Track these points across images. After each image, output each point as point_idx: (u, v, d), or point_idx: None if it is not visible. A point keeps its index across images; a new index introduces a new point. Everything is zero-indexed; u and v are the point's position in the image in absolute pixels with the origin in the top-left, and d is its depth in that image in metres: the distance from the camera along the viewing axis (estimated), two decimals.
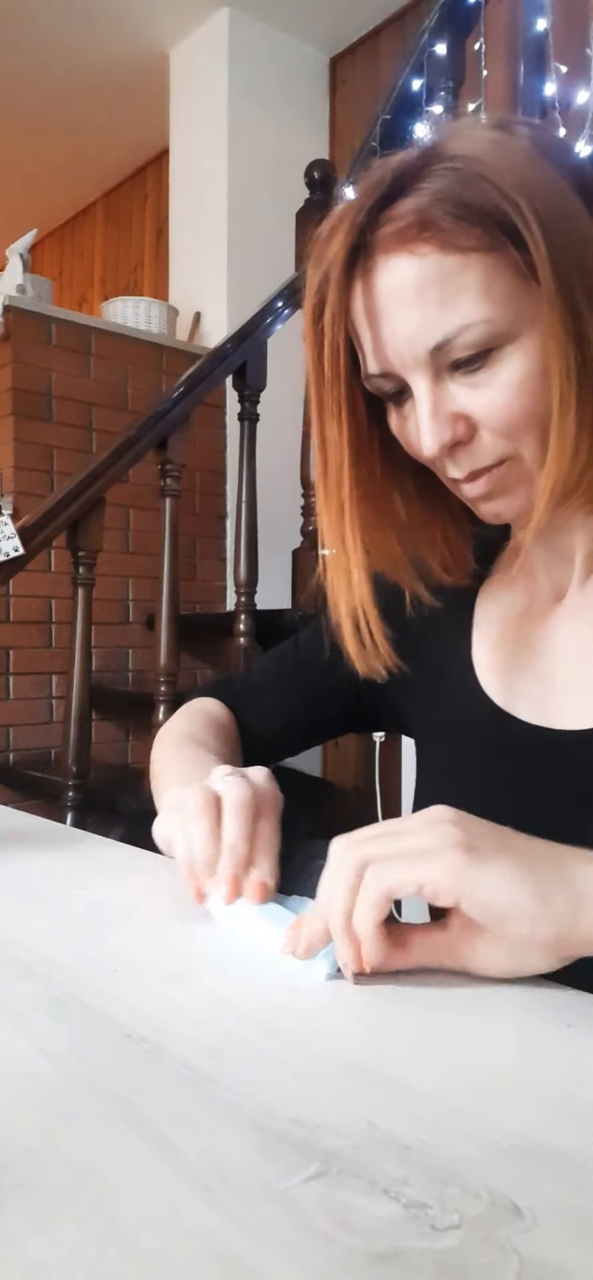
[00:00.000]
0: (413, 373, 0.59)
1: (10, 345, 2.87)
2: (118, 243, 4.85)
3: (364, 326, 0.60)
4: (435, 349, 0.57)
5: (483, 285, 0.56)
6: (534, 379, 0.57)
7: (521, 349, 0.57)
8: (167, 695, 2.17)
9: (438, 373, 0.59)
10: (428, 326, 0.57)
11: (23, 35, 3.67)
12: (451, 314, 0.56)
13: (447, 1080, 0.37)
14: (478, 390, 0.58)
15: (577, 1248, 0.27)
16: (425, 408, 0.59)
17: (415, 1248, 0.27)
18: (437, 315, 0.57)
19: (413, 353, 0.58)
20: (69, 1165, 0.31)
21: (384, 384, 0.61)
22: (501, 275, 0.56)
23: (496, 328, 0.56)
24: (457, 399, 0.59)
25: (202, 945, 0.54)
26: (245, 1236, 0.27)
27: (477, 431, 0.59)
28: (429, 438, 0.59)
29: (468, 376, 0.58)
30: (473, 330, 0.56)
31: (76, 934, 0.55)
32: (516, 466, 0.60)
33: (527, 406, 0.58)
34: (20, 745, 2.82)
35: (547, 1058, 0.39)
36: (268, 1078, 0.37)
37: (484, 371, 0.58)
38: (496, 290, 0.56)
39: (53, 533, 2.05)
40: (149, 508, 2.87)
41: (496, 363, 0.57)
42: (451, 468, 0.61)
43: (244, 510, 2.41)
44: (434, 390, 0.59)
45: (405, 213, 0.57)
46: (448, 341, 0.57)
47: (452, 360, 0.58)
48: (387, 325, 0.59)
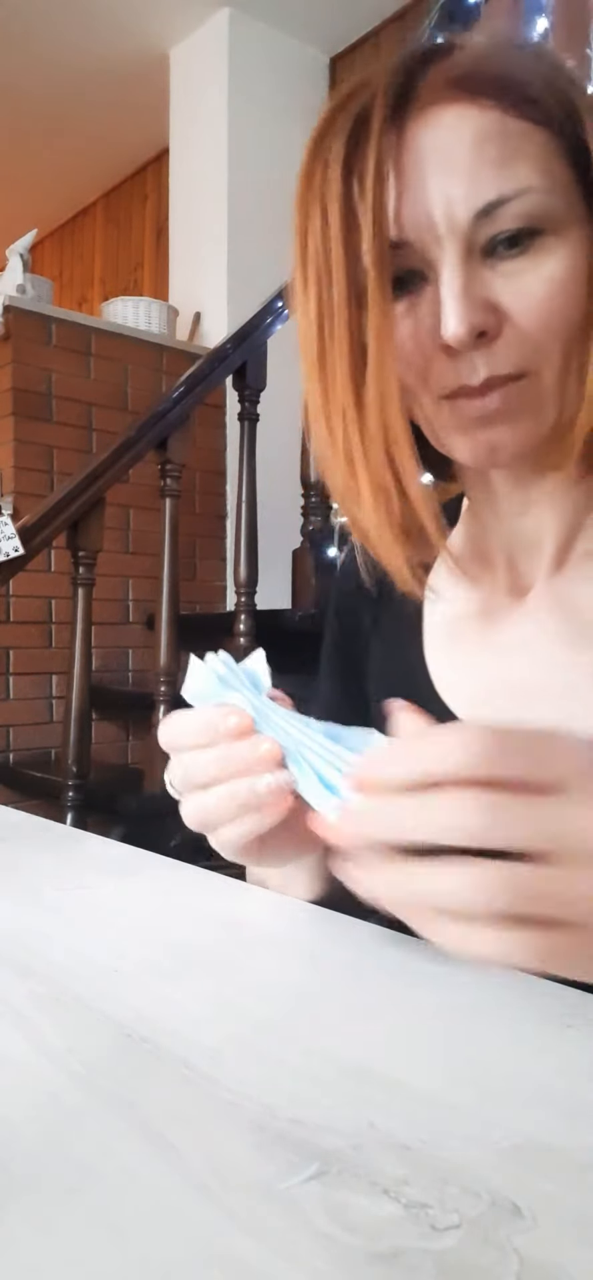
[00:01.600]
0: (444, 244, 0.52)
1: (10, 345, 2.87)
2: (118, 243, 4.85)
3: (390, 185, 0.52)
4: (482, 213, 0.51)
5: (544, 157, 0.51)
6: (578, 282, 0.52)
7: (567, 244, 0.52)
8: (167, 695, 2.17)
9: (470, 252, 0.52)
10: (480, 185, 0.51)
11: (23, 35, 3.67)
12: (509, 175, 0.51)
13: (447, 1080, 0.37)
14: (516, 280, 0.52)
15: (577, 1248, 0.27)
16: (457, 282, 0.51)
17: (415, 1248, 0.27)
18: (493, 174, 0.51)
19: (451, 217, 0.51)
20: (69, 1165, 0.31)
21: (400, 259, 0.53)
22: (559, 158, 0.52)
23: (553, 205, 0.51)
24: (489, 286, 0.52)
25: (202, 945, 0.54)
26: (245, 1236, 0.27)
27: (503, 330, 0.53)
28: (456, 318, 0.51)
29: (506, 263, 0.52)
30: (531, 199, 0.51)
31: (76, 934, 0.55)
32: (533, 387, 0.54)
33: (564, 309, 0.52)
34: (20, 745, 2.83)
35: (547, 1058, 0.39)
36: (268, 1078, 0.37)
37: (525, 259, 0.52)
38: (555, 170, 0.52)
39: (53, 533, 2.05)
40: (149, 508, 2.87)
41: (541, 251, 0.52)
42: (465, 370, 0.53)
43: (244, 510, 2.41)
44: (467, 266, 0.52)
45: (470, 58, 0.52)
46: (501, 204, 0.51)
47: (492, 235, 0.52)
48: (425, 183, 0.52)
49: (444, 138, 0.52)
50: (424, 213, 0.52)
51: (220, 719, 0.47)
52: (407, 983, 0.48)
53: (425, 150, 0.52)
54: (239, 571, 2.39)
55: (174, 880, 0.68)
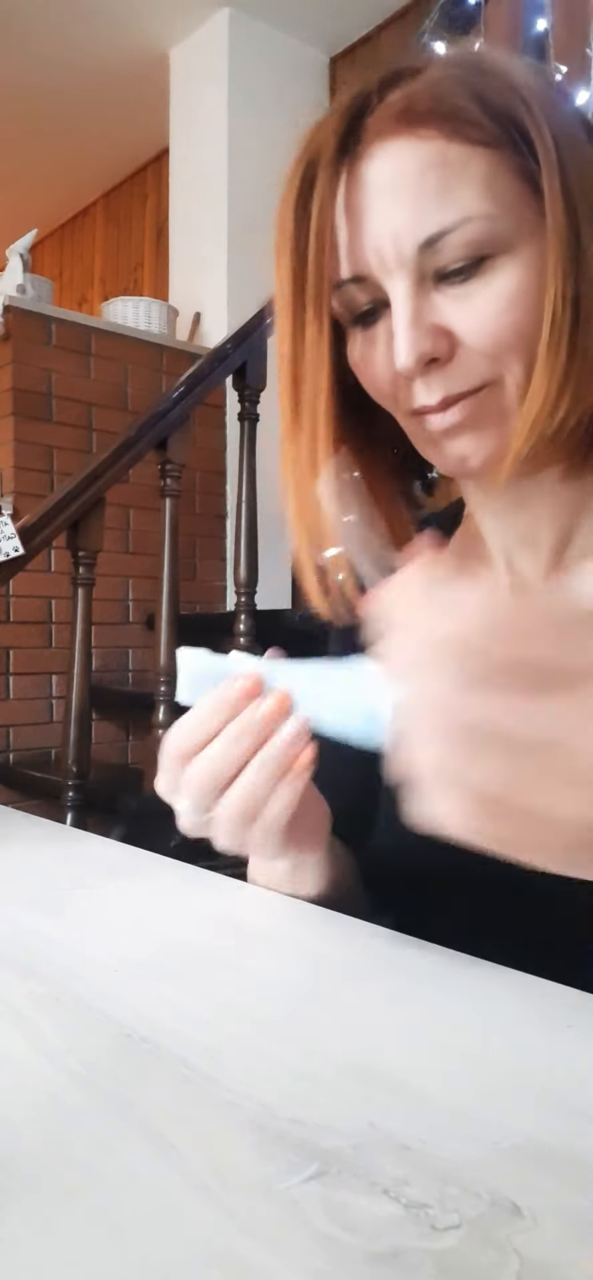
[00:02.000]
0: (394, 276, 0.53)
1: (10, 345, 2.87)
2: (118, 243, 4.85)
3: (343, 222, 0.54)
4: (427, 244, 0.52)
5: (487, 182, 0.51)
6: (529, 295, 0.52)
7: (517, 260, 0.52)
8: (167, 695, 2.17)
9: (422, 280, 0.53)
10: (422, 217, 0.52)
11: (23, 36, 3.67)
12: (450, 206, 0.51)
13: (447, 1080, 0.37)
14: (466, 302, 0.53)
15: (577, 1248, 0.27)
16: (405, 313, 0.53)
17: (415, 1248, 0.27)
18: (434, 206, 0.51)
19: (399, 250, 0.53)
20: (69, 1165, 0.31)
21: (356, 295, 0.55)
22: (505, 176, 0.52)
23: (496, 228, 0.52)
24: (440, 311, 0.54)
25: (202, 945, 0.54)
26: (245, 1236, 0.27)
27: (457, 352, 0.54)
28: (405, 347, 0.53)
29: (456, 287, 0.53)
30: (472, 226, 0.51)
31: (76, 934, 0.55)
32: (494, 397, 0.55)
33: (518, 323, 0.53)
34: (20, 745, 2.83)
35: (547, 1058, 0.39)
36: (268, 1078, 0.37)
37: (475, 282, 0.53)
38: (499, 190, 0.52)
39: (53, 533, 2.05)
40: (149, 508, 2.87)
41: (489, 272, 0.52)
42: (421, 392, 0.55)
43: (244, 510, 2.41)
44: (416, 296, 0.53)
45: (413, 91, 0.52)
46: (443, 236, 0.52)
47: (440, 265, 0.53)
48: (372, 218, 0.53)
49: (388, 172, 0.53)
50: (374, 247, 0.53)
51: (228, 689, 0.47)
52: (407, 982, 0.48)
53: (372, 187, 0.53)
54: (239, 571, 2.39)
55: (174, 880, 0.68)
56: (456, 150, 0.52)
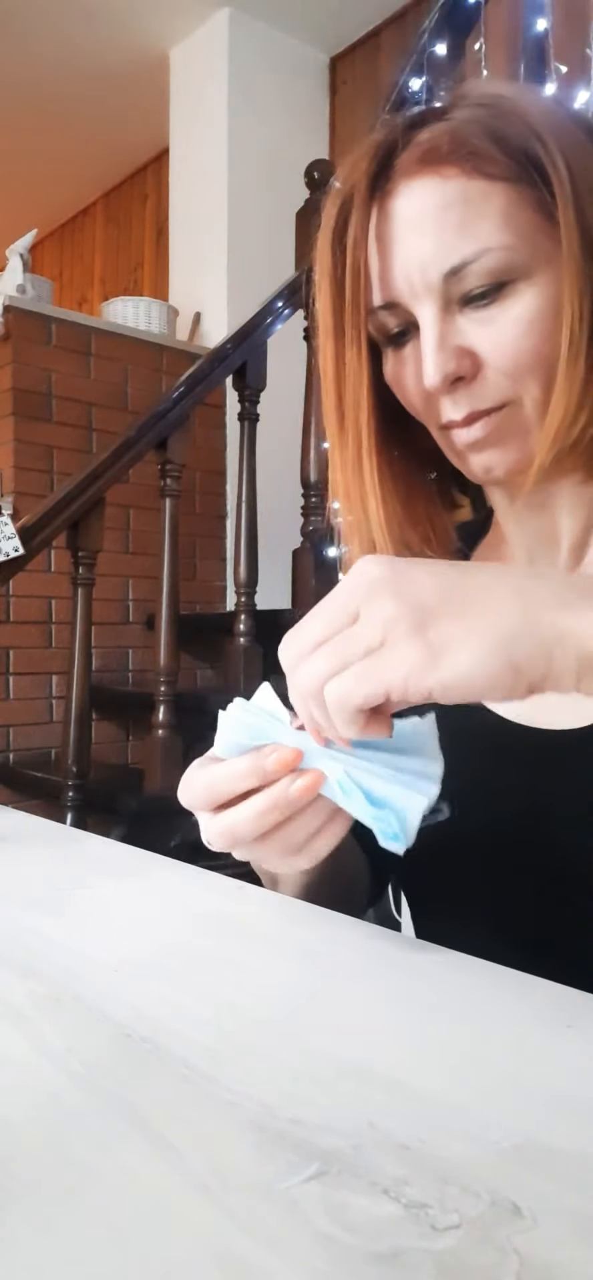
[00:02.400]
0: (422, 302, 0.58)
1: (10, 345, 2.87)
2: (118, 243, 4.85)
3: (375, 254, 0.59)
4: (450, 273, 0.57)
5: (505, 214, 0.56)
6: (546, 319, 0.57)
7: (535, 287, 0.57)
8: (167, 695, 2.17)
9: (448, 305, 0.58)
10: (446, 249, 0.57)
11: (23, 35, 3.67)
12: (470, 238, 0.56)
13: (447, 1080, 0.37)
14: (488, 326, 0.58)
15: (577, 1248, 0.27)
16: (432, 336, 0.58)
17: (415, 1248, 0.27)
18: (456, 238, 0.56)
19: (425, 279, 0.58)
20: (69, 1165, 0.31)
21: (388, 320, 0.60)
22: (523, 208, 0.56)
23: (513, 258, 0.56)
24: (465, 334, 0.58)
25: (202, 945, 0.54)
26: (245, 1236, 0.27)
27: (480, 371, 0.58)
28: (433, 368, 0.58)
29: (479, 311, 0.58)
30: (491, 256, 0.56)
31: (76, 934, 0.55)
32: (515, 414, 0.59)
33: (536, 346, 0.57)
34: (20, 745, 2.83)
35: (547, 1058, 0.39)
36: (268, 1078, 0.37)
37: (496, 306, 0.57)
38: (517, 222, 0.56)
39: (53, 533, 2.05)
40: (149, 508, 2.87)
41: (509, 297, 0.57)
42: (448, 408, 0.60)
43: (244, 510, 2.41)
44: (442, 320, 0.58)
45: (436, 134, 0.57)
46: (465, 266, 0.56)
47: (464, 291, 0.57)
48: (401, 250, 0.58)
49: (415, 208, 0.58)
50: (404, 276, 0.59)
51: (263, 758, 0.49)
52: (407, 982, 0.48)
53: (400, 221, 0.58)
54: (239, 571, 2.39)
55: (174, 880, 0.68)
56: (476, 186, 0.56)
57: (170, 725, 2.17)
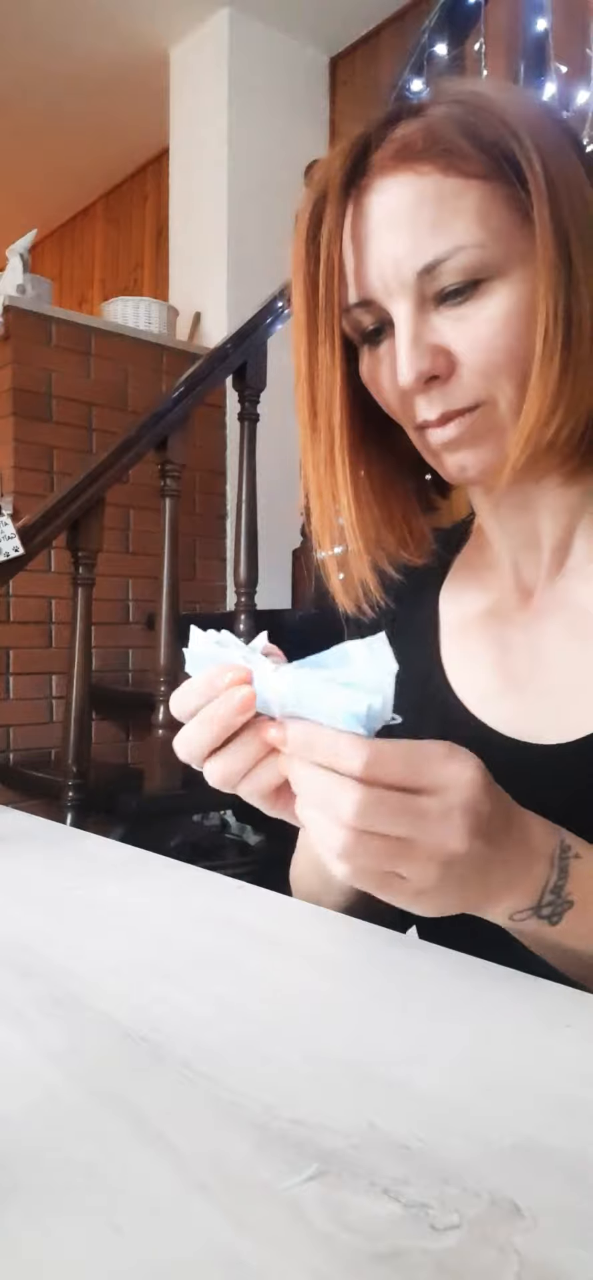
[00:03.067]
0: (396, 299, 0.58)
1: (10, 345, 2.87)
2: (118, 243, 4.85)
3: (350, 251, 0.58)
4: (424, 271, 0.56)
5: (480, 212, 0.55)
6: (520, 317, 0.56)
7: (509, 285, 0.56)
8: (167, 695, 2.17)
9: (422, 303, 0.57)
10: (420, 246, 0.56)
11: (23, 35, 3.67)
12: (444, 235, 0.55)
13: (447, 1080, 0.37)
14: (462, 324, 0.57)
15: (577, 1248, 0.27)
16: (406, 334, 0.57)
17: (415, 1248, 0.27)
18: (430, 236, 0.56)
19: (400, 276, 0.57)
20: (69, 1165, 0.31)
21: (363, 317, 0.60)
22: (498, 206, 0.56)
23: (488, 255, 0.55)
24: (439, 331, 0.58)
25: (202, 945, 0.54)
26: (245, 1236, 0.27)
27: (455, 370, 0.58)
28: (407, 366, 0.57)
29: (453, 309, 0.57)
30: (465, 254, 0.55)
31: (76, 934, 0.55)
32: (489, 414, 0.58)
33: (510, 345, 0.56)
34: (20, 745, 2.83)
35: (547, 1058, 0.39)
36: (268, 1078, 0.37)
37: (470, 304, 0.57)
38: (492, 219, 0.55)
39: (53, 533, 2.05)
40: (149, 508, 2.87)
41: (484, 295, 0.56)
42: (422, 407, 0.59)
43: (244, 510, 2.41)
44: (417, 318, 0.57)
45: (410, 130, 0.57)
46: (438, 264, 0.56)
47: (439, 289, 0.57)
48: (375, 247, 0.57)
49: (390, 205, 0.57)
50: (378, 273, 0.58)
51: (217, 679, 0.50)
52: (407, 983, 0.48)
53: (375, 218, 0.57)
54: (239, 571, 2.39)
55: (174, 880, 0.68)
56: (450, 184, 0.56)
57: (170, 725, 2.17)
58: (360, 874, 0.46)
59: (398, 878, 0.45)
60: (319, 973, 0.50)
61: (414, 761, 0.45)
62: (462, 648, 0.69)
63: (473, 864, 0.46)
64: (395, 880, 0.46)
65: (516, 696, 0.63)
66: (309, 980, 0.49)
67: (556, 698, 0.62)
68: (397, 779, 0.45)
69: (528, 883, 0.48)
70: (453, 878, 0.45)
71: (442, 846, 0.45)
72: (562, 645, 0.62)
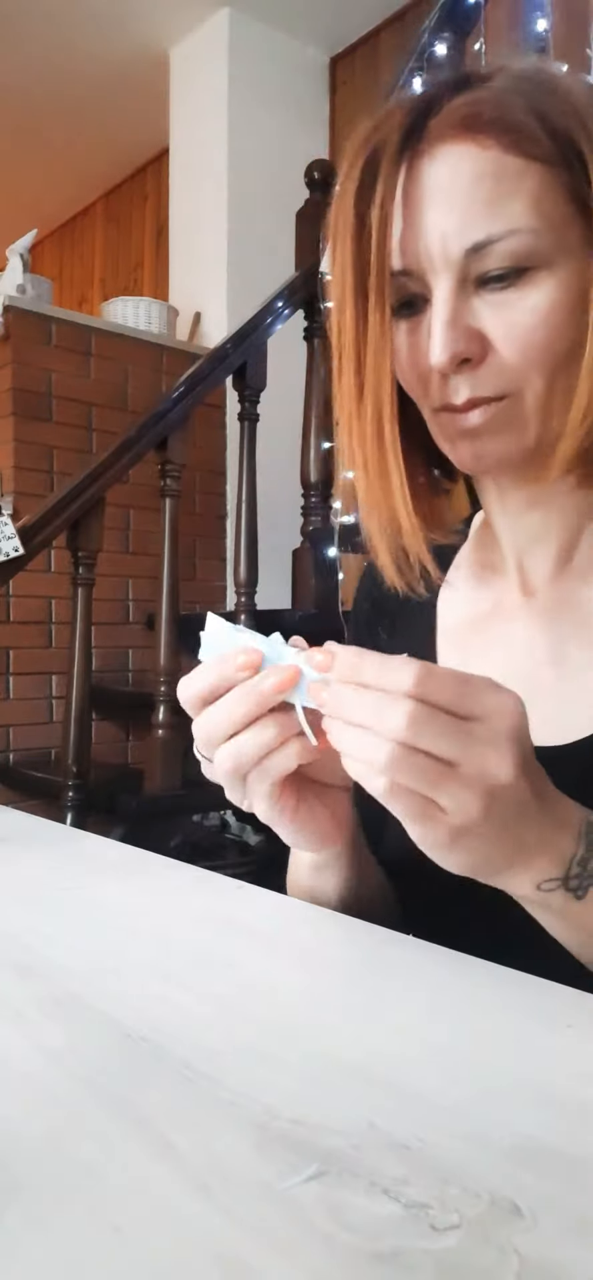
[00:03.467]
0: (439, 275, 0.56)
1: (10, 345, 2.87)
2: (118, 243, 4.85)
3: (398, 216, 0.56)
4: (473, 249, 0.54)
5: (537, 197, 0.54)
6: (561, 312, 0.55)
7: (555, 277, 0.55)
8: (167, 695, 2.17)
9: (464, 282, 0.56)
10: (472, 223, 0.54)
11: (23, 35, 3.67)
12: (499, 216, 0.54)
13: (447, 1080, 0.37)
14: (502, 310, 0.55)
15: (577, 1248, 0.27)
16: (444, 313, 0.55)
17: (415, 1248, 0.27)
18: (484, 214, 0.54)
19: (446, 251, 0.55)
20: (69, 1165, 0.31)
21: (405, 284, 0.57)
22: (555, 194, 0.54)
23: (538, 244, 0.54)
24: (477, 315, 0.56)
25: (202, 945, 0.54)
26: (245, 1236, 0.27)
27: (487, 356, 0.56)
28: (440, 346, 0.55)
29: (495, 294, 0.55)
30: (517, 239, 0.54)
31: (76, 934, 0.55)
32: (514, 407, 0.57)
33: (548, 339, 0.55)
34: (20, 745, 2.83)
35: (547, 1058, 0.39)
36: (268, 1078, 0.37)
37: (514, 291, 0.55)
38: (547, 206, 0.54)
39: (53, 533, 2.05)
40: (149, 508, 2.87)
41: (528, 284, 0.55)
42: (447, 390, 0.57)
43: (244, 510, 2.41)
44: (457, 297, 0.56)
45: (478, 100, 0.55)
46: (489, 244, 0.54)
47: (483, 270, 0.55)
48: (425, 217, 0.55)
49: (445, 175, 0.55)
50: (424, 245, 0.56)
51: (230, 660, 0.49)
52: (407, 983, 0.48)
53: (429, 186, 0.55)
54: (239, 571, 2.39)
55: (174, 880, 0.68)
56: (511, 162, 0.54)
57: (170, 725, 2.17)
58: (401, 794, 0.44)
59: (437, 809, 0.44)
60: (319, 973, 0.50)
61: (463, 686, 0.44)
62: (460, 649, 0.68)
63: (514, 803, 0.44)
64: (435, 811, 0.44)
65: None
66: (309, 980, 0.49)
67: (557, 698, 0.61)
68: (445, 700, 0.44)
69: (557, 851, 0.47)
70: (494, 817, 0.44)
71: (488, 773, 0.44)
72: (564, 645, 0.62)
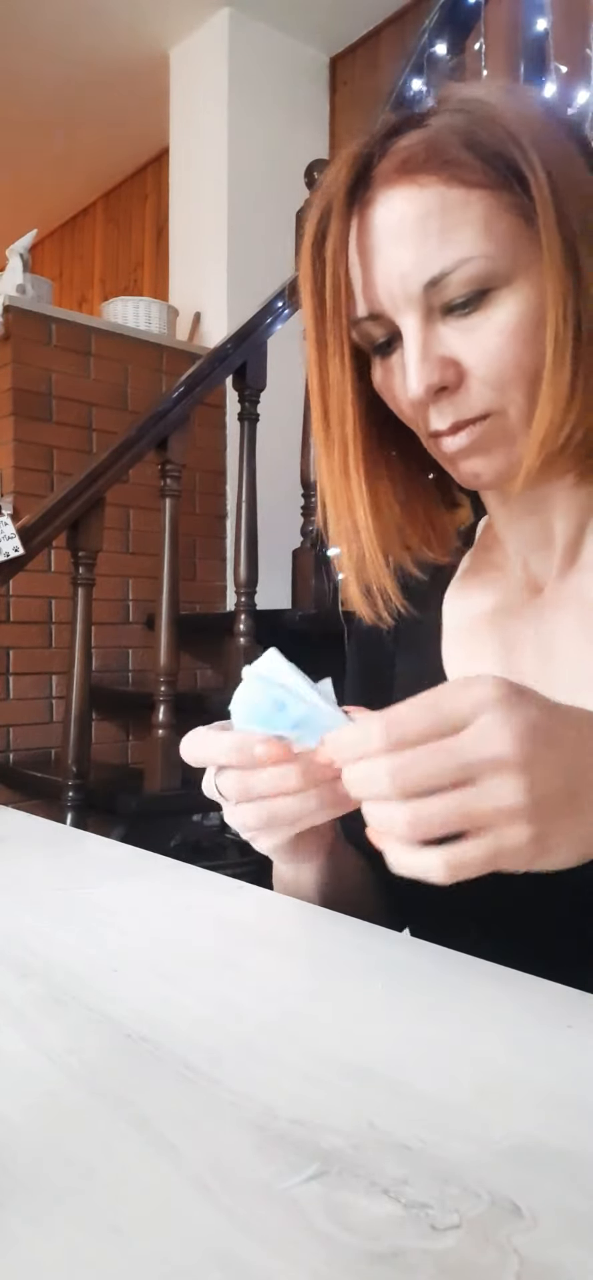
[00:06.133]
0: (404, 313, 0.58)
1: (10, 345, 2.87)
2: (118, 243, 4.85)
3: (357, 265, 0.59)
4: (431, 284, 0.56)
5: (484, 221, 0.55)
6: (528, 326, 0.56)
7: (517, 294, 0.56)
8: (167, 695, 2.17)
9: (430, 314, 0.58)
10: (425, 259, 0.56)
11: (23, 35, 3.67)
12: (450, 247, 0.55)
13: (447, 1080, 0.37)
14: (470, 334, 0.57)
15: (577, 1248, 0.27)
16: (415, 347, 0.57)
17: (415, 1248, 0.27)
18: (436, 248, 0.56)
19: (406, 290, 0.57)
20: (69, 1165, 0.31)
21: (373, 330, 0.60)
22: (502, 214, 0.55)
23: (494, 265, 0.55)
24: (447, 342, 0.58)
25: (202, 945, 0.54)
26: (245, 1236, 0.27)
27: (464, 380, 0.58)
28: (415, 379, 0.57)
29: (461, 320, 0.57)
30: (471, 265, 0.55)
31: (76, 934, 0.55)
32: (499, 423, 0.59)
33: (519, 355, 0.56)
34: (20, 745, 2.82)
35: (547, 1058, 0.39)
36: (268, 1078, 0.37)
37: (478, 315, 0.57)
38: (496, 228, 0.55)
39: (53, 533, 2.05)
40: (149, 508, 2.87)
41: (490, 305, 0.56)
42: (434, 418, 0.60)
43: (244, 510, 2.41)
44: (424, 331, 0.58)
45: (413, 143, 0.56)
46: (445, 276, 0.56)
47: (445, 300, 0.57)
48: (381, 261, 0.58)
49: (393, 219, 0.57)
50: (385, 288, 0.58)
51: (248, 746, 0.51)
52: (407, 983, 0.48)
53: (380, 232, 0.58)
54: (239, 571, 2.39)
55: (174, 880, 0.68)
56: (454, 194, 0.55)
57: (170, 725, 2.17)
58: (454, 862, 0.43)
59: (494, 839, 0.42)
60: (319, 973, 0.50)
61: (431, 708, 0.43)
62: (466, 648, 0.69)
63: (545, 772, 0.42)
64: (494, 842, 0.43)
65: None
66: (309, 980, 0.49)
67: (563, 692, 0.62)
68: (421, 732, 0.43)
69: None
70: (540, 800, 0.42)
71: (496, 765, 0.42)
72: (571, 640, 0.63)
